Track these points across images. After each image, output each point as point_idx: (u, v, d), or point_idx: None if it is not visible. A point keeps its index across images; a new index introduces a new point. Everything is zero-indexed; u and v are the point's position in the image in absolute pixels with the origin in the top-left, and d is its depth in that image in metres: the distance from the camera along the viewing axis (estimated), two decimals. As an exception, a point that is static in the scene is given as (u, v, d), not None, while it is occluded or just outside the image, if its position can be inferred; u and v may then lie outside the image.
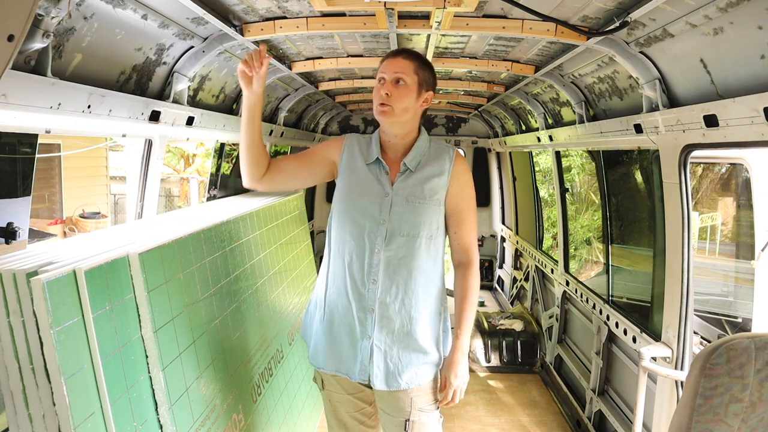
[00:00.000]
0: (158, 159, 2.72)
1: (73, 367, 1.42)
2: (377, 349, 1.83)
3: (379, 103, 1.81)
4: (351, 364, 1.87)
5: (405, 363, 1.84)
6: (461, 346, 1.85)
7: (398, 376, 1.84)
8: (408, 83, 1.80)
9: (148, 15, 2.03)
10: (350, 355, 1.87)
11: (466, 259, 1.91)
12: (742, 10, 1.66)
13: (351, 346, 1.87)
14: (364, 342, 1.84)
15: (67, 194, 9.13)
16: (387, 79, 1.81)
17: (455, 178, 1.88)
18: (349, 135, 1.98)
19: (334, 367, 1.91)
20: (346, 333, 1.87)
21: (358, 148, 1.92)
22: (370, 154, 1.90)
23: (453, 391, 1.84)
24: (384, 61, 1.85)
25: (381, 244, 1.81)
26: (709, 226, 6.87)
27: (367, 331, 1.84)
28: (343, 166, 1.92)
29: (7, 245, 1.86)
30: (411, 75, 1.80)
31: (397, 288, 1.82)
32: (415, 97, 1.82)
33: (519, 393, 4.36)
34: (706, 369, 1.14)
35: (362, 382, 1.87)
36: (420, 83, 1.82)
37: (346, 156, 1.92)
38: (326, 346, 1.92)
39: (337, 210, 1.89)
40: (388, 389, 1.85)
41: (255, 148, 1.81)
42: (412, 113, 1.84)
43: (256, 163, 1.83)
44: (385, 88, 1.80)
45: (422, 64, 1.84)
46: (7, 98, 1.54)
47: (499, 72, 3.61)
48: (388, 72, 1.81)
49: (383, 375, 1.84)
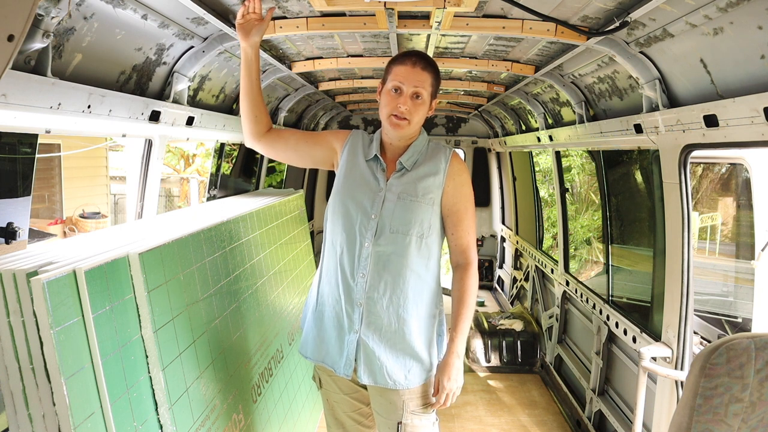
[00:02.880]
0: (158, 159, 2.72)
1: (73, 367, 1.42)
2: (364, 344, 1.83)
3: (394, 115, 1.79)
4: (336, 357, 1.88)
5: (392, 362, 1.83)
6: (456, 349, 1.82)
7: (386, 374, 1.83)
8: (425, 98, 1.81)
9: (148, 15, 2.03)
10: (336, 348, 1.88)
11: (464, 261, 1.90)
12: (742, 10, 1.66)
13: (338, 339, 1.87)
14: (351, 336, 1.85)
15: (67, 194, 9.13)
16: (405, 93, 1.78)
17: (451, 178, 1.87)
18: (355, 131, 1.99)
19: (320, 357, 1.93)
20: (334, 325, 1.88)
21: (361, 144, 1.95)
22: (370, 151, 1.92)
23: (446, 394, 1.81)
24: (397, 65, 1.81)
25: (371, 238, 1.81)
26: (709, 226, 6.87)
27: (354, 325, 1.84)
28: (343, 158, 1.94)
29: (7, 245, 1.86)
30: (428, 89, 1.81)
31: (385, 285, 1.81)
32: (428, 108, 1.84)
33: (519, 393, 4.36)
34: (706, 369, 1.14)
35: (347, 376, 1.88)
36: (432, 94, 1.84)
37: (348, 149, 1.94)
38: (315, 337, 1.94)
39: (332, 201, 1.91)
40: (375, 384, 1.85)
41: (254, 103, 1.86)
42: (422, 122, 1.87)
43: (255, 118, 1.88)
44: (404, 102, 1.78)
45: (436, 73, 1.84)
46: (7, 98, 1.54)
47: (499, 72, 3.61)
48: (407, 84, 1.78)
49: (369, 370, 1.84)
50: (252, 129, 1.90)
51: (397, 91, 1.79)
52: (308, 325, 1.98)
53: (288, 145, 1.96)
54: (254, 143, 1.93)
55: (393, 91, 1.80)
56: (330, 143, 1.97)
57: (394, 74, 1.80)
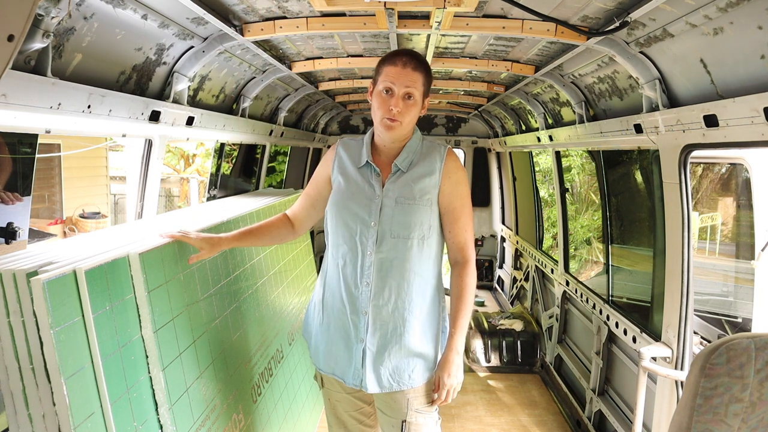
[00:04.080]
0: (158, 159, 2.72)
1: (73, 367, 1.42)
2: (369, 352, 1.83)
3: (387, 117, 1.77)
4: (345, 368, 1.88)
5: (398, 365, 1.83)
6: (455, 346, 1.83)
7: (390, 378, 1.84)
8: (416, 98, 1.79)
9: (148, 15, 2.03)
10: (345, 359, 1.88)
11: (461, 258, 1.89)
12: (742, 10, 1.66)
13: (346, 350, 1.87)
14: (358, 345, 1.85)
15: (67, 194, 9.13)
16: (396, 93, 1.76)
17: (446, 176, 1.85)
18: (339, 142, 1.98)
19: (331, 369, 1.93)
20: (341, 336, 1.88)
21: (348, 154, 1.92)
22: (361, 158, 1.89)
23: (446, 390, 1.83)
24: (387, 65, 1.79)
25: (372, 246, 1.81)
26: (709, 226, 6.88)
27: (360, 334, 1.84)
28: (335, 175, 1.93)
29: (7, 245, 1.86)
30: (419, 88, 1.79)
31: (390, 290, 1.81)
32: (420, 108, 1.83)
33: (519, 393, 4.36)
34: (706, 369, 1.14)
35: (355, 386, 1.88)
36: (424, 93, 1.83)
37: (336, 164, 1.93)
38: (325, 348, 1.94)
39: (330, 215, 1.91)
40: (381, 391, 1.86)
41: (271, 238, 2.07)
42: (414, 122, 1.85)
43: (281, 240, 2.10)
44: (395, 104, 1.76)
45: (427, 72, 1.82)
46: (7, 98, 1.54)
47: (499, 72, 3.61)
48: (398, 85, 1.76)
49: (375, 378, 1.84)
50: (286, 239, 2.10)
51: (389, 92, 1.77)
52: (316, 337, 1.98)
53: (311, 216, 2.06)
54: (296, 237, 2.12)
55: (384, 93, 1.78)
56: (326, 177, 1.96)
57: (385, 75, 1.78)
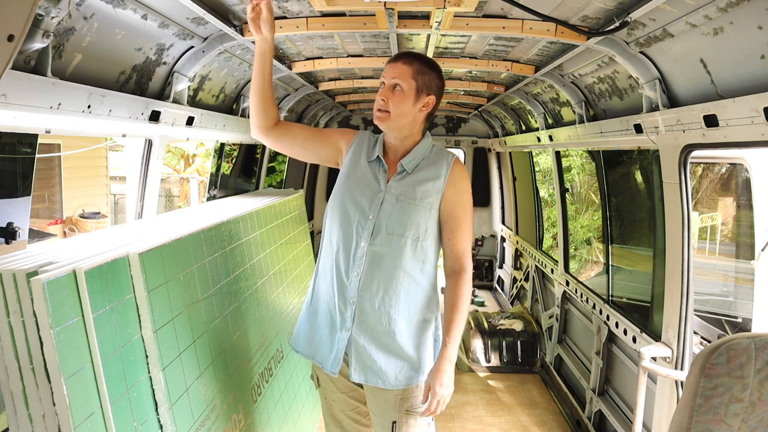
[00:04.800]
0: (158, 159, 2.72)
1: (73, 367, 1.42)
2: (355, 342, 1.84)
3: (377, 109, 1.85)
4: (326, 353, 1.89)
5: (383, 362, 1.84)
6: (448, 355, 1.79)
7: (376, 373, 1.84)
8: (405, 89, 1.81)
9: (148, 15, 2.03)
10: (327, 345, 1.89)
11: (458, 267, 1.87)
12: (742, 10, 1.66)
13: (329, 336, 1.89)
14: (342, 333, 1.86)
15: (67, 194, 9.13)
16: (386, 85, 1.84)
17: (451, 184, 1.87)
18: (362, 131, 2.02)
19: (310, 353, 1.95)
20: (327, 322, 1.90)
21: (366, 145, 1.97)
22: (373, 153, 1.94)
23: (437, 401, 1.78)
24: (386, 65, 1.88)
25: (367, 238, 1.83)
26: (709, 226, 6.88)
27: (346, 323, 1.85)
28: (347, 159, 1.96)
29: (7, 245, 1.86)
30: (408, 80, 1.81)
31: (378, 284, 1.82)
32: (413, 102, 1.83)
33: (519, 393, 4.36)
34: (706, 369, 1.14)
35: (333, 374, 1.89)
36: (418, 88, 1.82)
37: (353, 149, 1.97)
38: (308, 332, 1.96)
39: (332, 200, 1.93)
40: (366, 383, 1.87)
41: (264, 96, 1.89)
42: (410, 118, 1.85)
43: (263, 111, 1.90)
44: (382, 94, 1.84)
45: (423, 68, 1.83)
46: (7, 98, 1.54)
47: (499, 72, 3.61)
48: (387, 77, 1.84)
49: (360, 368, 1.85)
50: (260, 122, 1.92)
51: (381, 86, 1.86)
52: (302, 320, 2.01)
53: (296, 141, 1.98)
54: (261, 136, 1.95)
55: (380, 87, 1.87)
56: (336, 143, 2.00)
57: (382, 73, 1.87)
